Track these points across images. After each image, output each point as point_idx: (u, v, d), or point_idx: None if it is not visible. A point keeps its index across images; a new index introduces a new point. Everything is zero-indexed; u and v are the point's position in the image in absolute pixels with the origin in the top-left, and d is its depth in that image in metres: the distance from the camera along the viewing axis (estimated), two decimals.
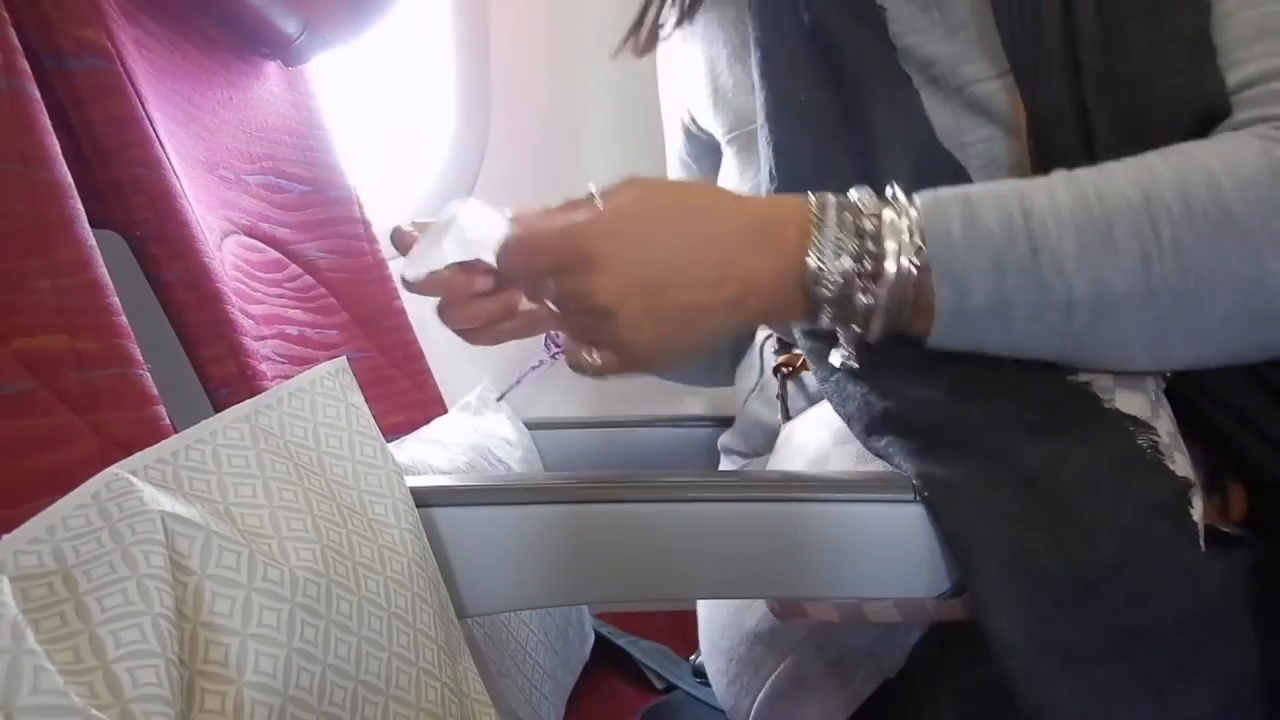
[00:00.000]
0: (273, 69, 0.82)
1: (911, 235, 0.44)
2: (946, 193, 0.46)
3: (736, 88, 0.71)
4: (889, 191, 0.47)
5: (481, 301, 0.52)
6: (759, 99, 0.62)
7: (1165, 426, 0.46)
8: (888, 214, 0.45)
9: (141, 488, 0.35)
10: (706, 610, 0.72)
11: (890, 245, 0.44)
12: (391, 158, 1.08)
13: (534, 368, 0.89)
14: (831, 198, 0.47)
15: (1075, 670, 0.42)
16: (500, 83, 1.08)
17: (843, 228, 0.45)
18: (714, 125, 0.76)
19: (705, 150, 0.82)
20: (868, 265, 0.45)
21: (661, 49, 0.80)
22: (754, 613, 0.64)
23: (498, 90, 1.08)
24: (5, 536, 0.31)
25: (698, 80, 0.75)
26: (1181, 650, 0.42)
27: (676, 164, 0.89)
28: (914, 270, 0.44)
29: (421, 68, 1.04)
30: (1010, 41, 0.53)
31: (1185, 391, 0.49)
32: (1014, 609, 0.42)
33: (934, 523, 0.46)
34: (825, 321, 0.47)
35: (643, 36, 0.75)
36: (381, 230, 0.92)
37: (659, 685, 0.86)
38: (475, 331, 0.55)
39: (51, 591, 0.31)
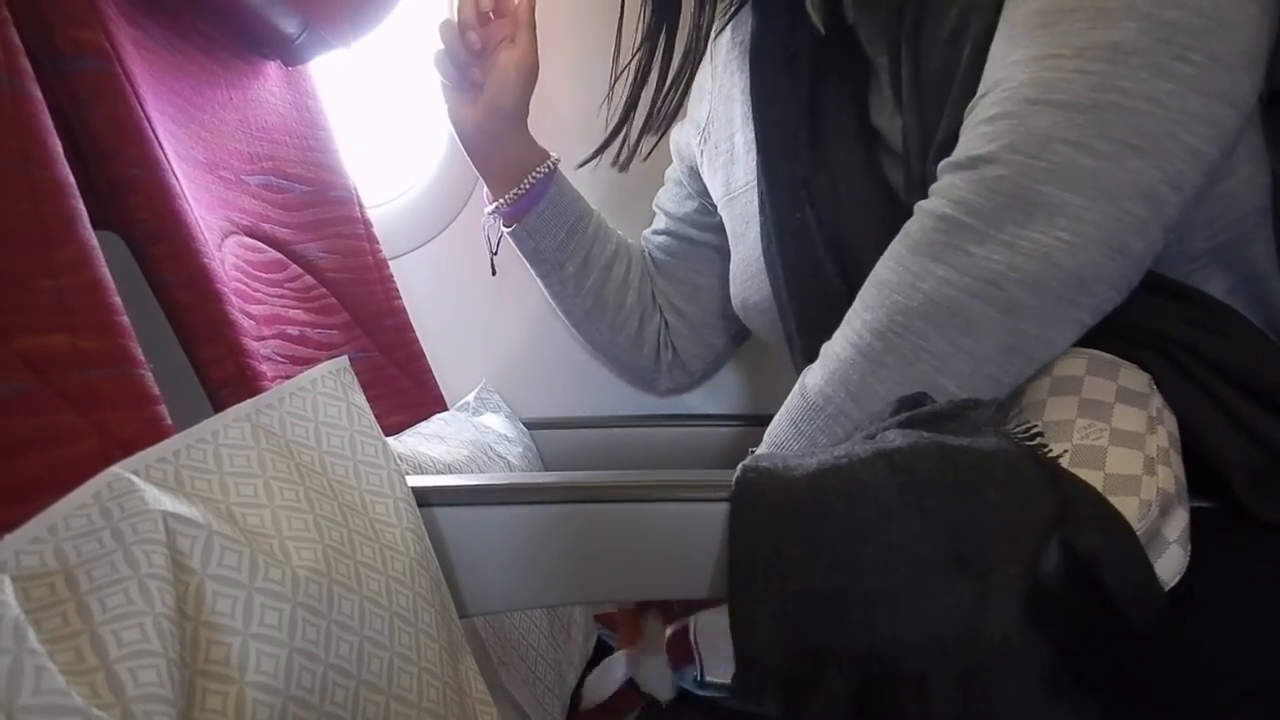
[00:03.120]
0: (273, 69, 0.82)
1: None
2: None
3: (740, 151, 0.79)
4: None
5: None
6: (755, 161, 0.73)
7: (1160, 441, 0.48)
8: None
9: (143, 487, 0.35)
10: None
11: None
12: (391, 158, 1.08)
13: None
14: None
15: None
16: None
17: None
18: (713, 183, 0.84)
19: (694, 189, 0.91)
20: None
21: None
22: None
23: None
24: (7, 536, 0.31)
25: (712, 137, 0.81)
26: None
27: (671, 181, 0.92)
28: None
29: (421, 68, 1.04)
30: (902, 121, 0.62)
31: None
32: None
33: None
34: None
35: (623, 155, 0.81)
36: (381, 230, 0.92)
37: None
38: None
39: (53, 591, 0.31)
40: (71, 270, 0.42)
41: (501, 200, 0.89)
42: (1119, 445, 0.48)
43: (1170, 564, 0.46)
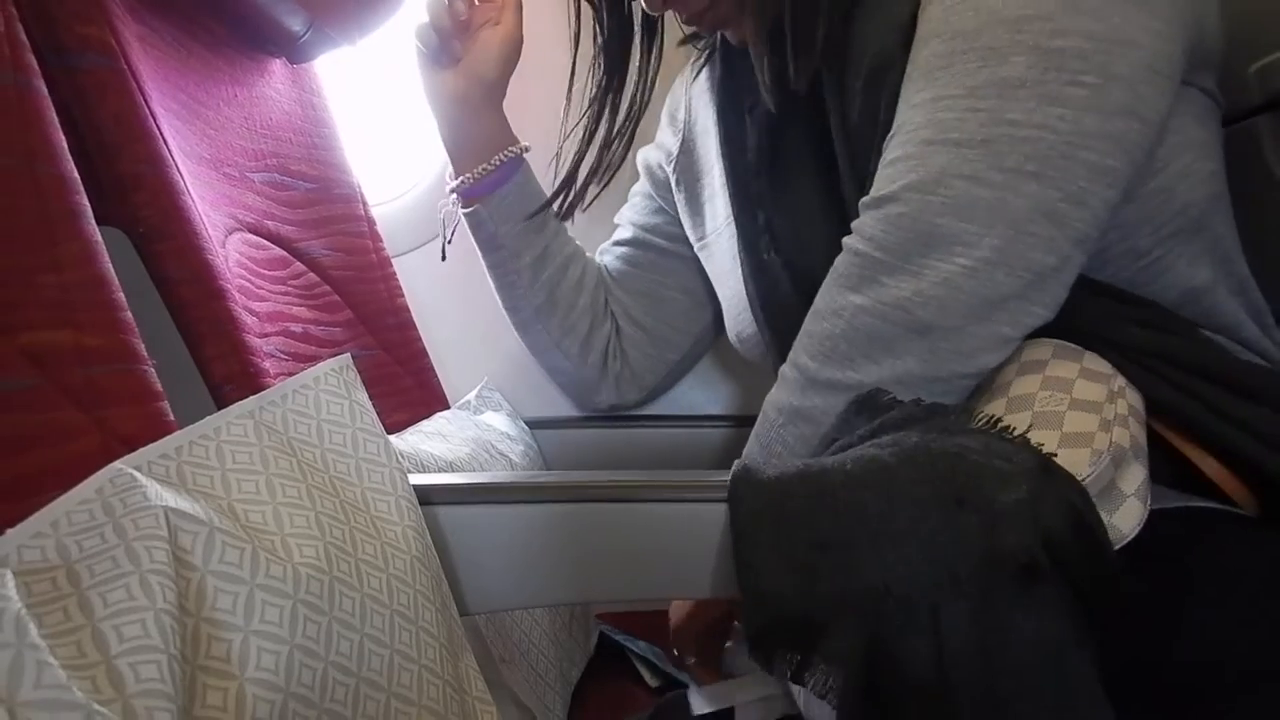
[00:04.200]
0: (278, 66, 0.82)
1: None
2: None
3: (719, 187, 0.81)
4: None
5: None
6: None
7: (1118, 409, 0.51)
8: None
9: (145, 483, 0.35)
10: None
11: None
12: (394, 156, 1.08)
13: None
14: None
15: None
16: None
17: None
18: (690, 215, 0.88)
19: (663, 215, 0.93)
20: None
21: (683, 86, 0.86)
22: None
23: None
24: (9, 531, 0.31)
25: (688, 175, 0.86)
26: None
27: (639, 196, 0.93)
28: None
29: (409, 49, 1.04)
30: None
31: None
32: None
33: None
34: None
35: (568, 203, 0.82)
36: (385, 228, 0.92)
37: (653, 683, 0.86)
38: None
39: (55, 586, 0.31)
40: (75, 266, 0.43)
41: (467, 175, 0.86)
42: (1076, 410, 0.50)
43: (1129, 516, 0.48)
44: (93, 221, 0.44)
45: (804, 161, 0.72)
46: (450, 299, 1.04)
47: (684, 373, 1.02)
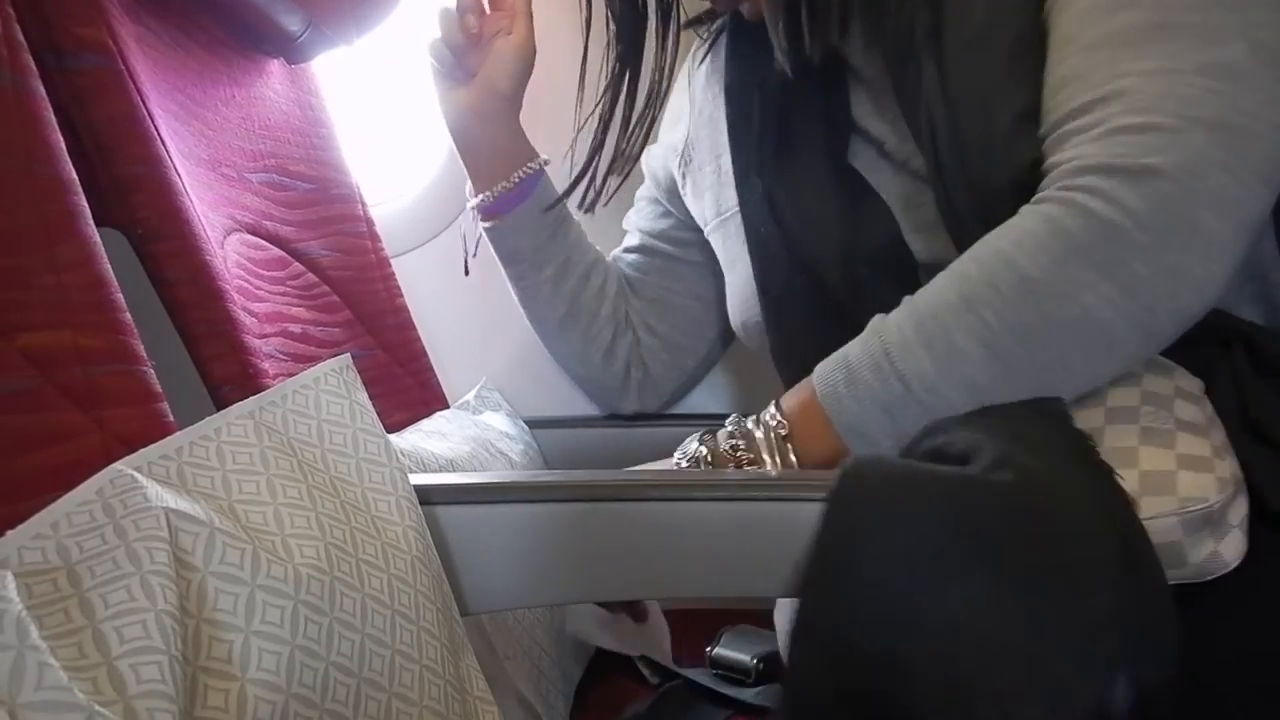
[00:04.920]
0: (276, 67, 0.82)
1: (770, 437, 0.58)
2: (831, 360, 0.55)
3: (727, 174, 0.79)
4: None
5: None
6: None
7: (1218, 438, 0.49)
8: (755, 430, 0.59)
9: (145, 484, 0.35)
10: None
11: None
12: (393, 156, 1.08)
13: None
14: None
15: None
16: None
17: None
18: (699, 206, 0.85)
19: (668, 215, 0.92)
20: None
21: (686, 82, 0.84)
22: None
23: None
24: (9, 532, 0.31)
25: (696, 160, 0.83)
26: None
27: (644, 200, 0.92)
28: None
29: (424, 66, 1.04)
30: (910, 122, 0.62)
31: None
32: None
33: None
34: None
35: (589, 198, 0.81)
36: (384, 228, 0.92)
37: (653, 680, 0.86)
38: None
39: (55, 587, 0.31)
40: (74, 267, 0.42)
41: (488, 193, 0.86)
42: (1185, 432, 0.48)
43: (1232, 546, 0.46)
44: (91, 223, 0.44)
45: (813, 133, 0.69)
46: (450, 299, 1.04)
47: (701, 378, 1.01)
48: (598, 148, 0.81)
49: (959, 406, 0.50)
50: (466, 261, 0.91)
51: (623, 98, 0.79)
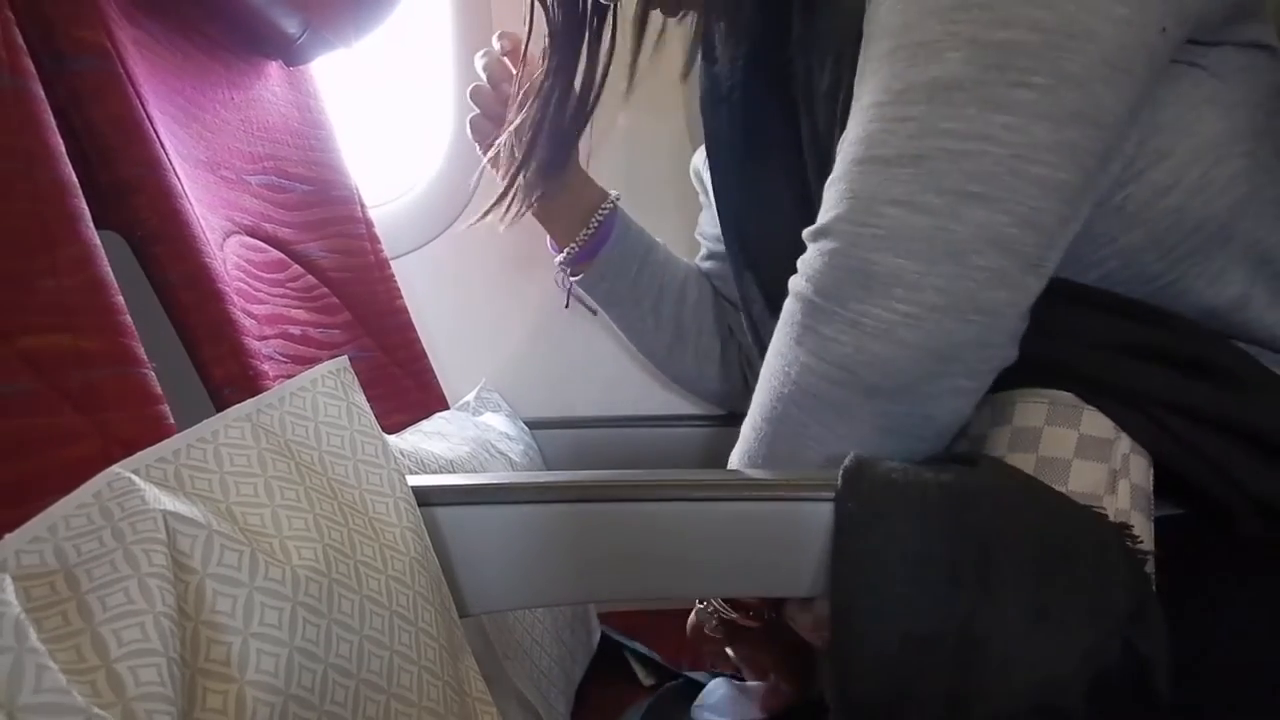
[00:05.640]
0: (274, 69, 0.82)
1: None
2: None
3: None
4: None
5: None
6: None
7: (1119, 503, 0.47)
8: None
9: (143, 486, 0.35)
10: None
11: None
12: (392, 157, 1.08)
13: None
14: None
15: None
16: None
17: None
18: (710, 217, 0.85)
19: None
20: None
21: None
22: None
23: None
24: (8, 535, 0.31)
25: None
26: None
27: (705, 210, 0.92)
28: None
29: (423, 68, 1.04)
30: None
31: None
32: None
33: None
34: None
35: (511, 210, 0.81)
36: (383, 229, 0.92)
37: (647, 682, 0.86)
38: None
39: (53, 590, 0.31)
40: (74, 270, 0.43)
41: (572, 245, 0.85)
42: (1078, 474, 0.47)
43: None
44: (91, 225, 0.44)
45: (773, 144, 0.66)
46: (449, 300, 1.04)
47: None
48: (526, 156, 0.78)
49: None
50: (567, 299, 0.91)
51: (552, 107, 0.75)
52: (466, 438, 0.77)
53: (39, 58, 0.47)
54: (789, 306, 0.51)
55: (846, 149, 0.48)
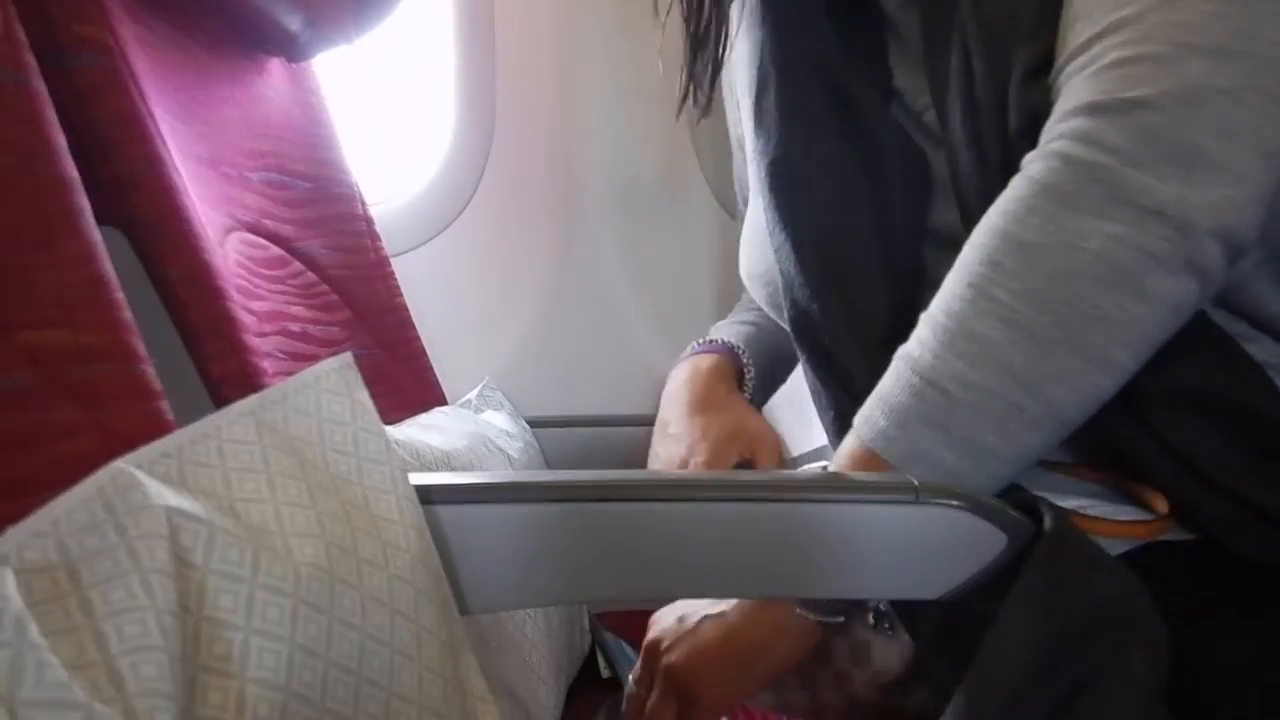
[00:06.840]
0: (276, 66, 0.82)
1: None
2: (868, 402, 0.53)
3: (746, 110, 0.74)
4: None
5: None
6: (770, 150, 0.69)
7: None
8: None
9: (146, 482, 0.35)
10: None
11: None
12: (393, 155, 1.08)
13: None
14: None
15: None
16: (505, 80, 1.08)
17: None
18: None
19: None
20: None
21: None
22: None
23: (502, 87, 1.08)
24: (9, 530, 0.31)
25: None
26: None
27: (737, 147, 0.88)
28: None
29: (425, 65, 1.04)
30: (930, 72, 0.59)
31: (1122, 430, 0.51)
32: None
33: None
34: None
35: (700, 100, 0.77)
36: (383, 227, 0.92)
37: (606, 674, 0.87)
38: None
39: (55, 585, 0.31)
40: (74, 266, 0.42)
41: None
42: None
43: None
44: (92, 221, 0.44)
45: (868, 74, 0.65)
46: (450, 299, 1.04)
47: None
48: (699, 42, 0.73)
49: (1006, 395, 0.47)
50: None
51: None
52: (464, 432, 0.77)
53: (41, 54, 0.47)
54: (1070, 176, 0.47)
55: (1149, 31, 0.46)
